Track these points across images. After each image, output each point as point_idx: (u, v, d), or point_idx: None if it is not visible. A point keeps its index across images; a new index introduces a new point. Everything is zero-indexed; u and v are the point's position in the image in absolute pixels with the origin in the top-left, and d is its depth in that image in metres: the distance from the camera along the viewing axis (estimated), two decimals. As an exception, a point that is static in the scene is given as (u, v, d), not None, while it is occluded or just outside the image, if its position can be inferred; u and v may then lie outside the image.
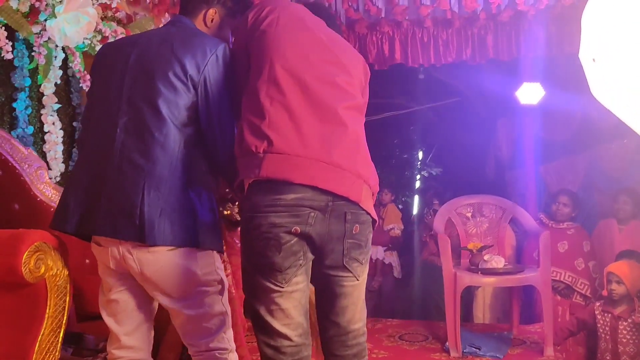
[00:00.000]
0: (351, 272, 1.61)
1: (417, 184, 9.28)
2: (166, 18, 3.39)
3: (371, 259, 4.98)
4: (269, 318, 1.55)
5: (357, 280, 1.62)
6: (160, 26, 1.86)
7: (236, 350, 1.77)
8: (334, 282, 1.61)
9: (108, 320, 1.70)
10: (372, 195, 1.65)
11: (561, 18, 3.96)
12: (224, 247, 1.96)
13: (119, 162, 1.59)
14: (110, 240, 1.60)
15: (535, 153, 5.16)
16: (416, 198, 8.76)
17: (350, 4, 3.96)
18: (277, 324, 1.54)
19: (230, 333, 1.73)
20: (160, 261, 1.58)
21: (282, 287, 1.53)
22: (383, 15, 4.05)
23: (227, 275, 2.34)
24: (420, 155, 9.47)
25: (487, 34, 4.17)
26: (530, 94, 4.73)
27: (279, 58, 1.59)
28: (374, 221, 1.66)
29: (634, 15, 2.00)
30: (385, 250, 5.06)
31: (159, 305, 1.73)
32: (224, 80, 1.66)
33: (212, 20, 1.80)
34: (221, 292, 1.71)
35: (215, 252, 1.70)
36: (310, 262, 1.60)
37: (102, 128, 1.65)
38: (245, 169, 1.54)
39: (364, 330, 1.69)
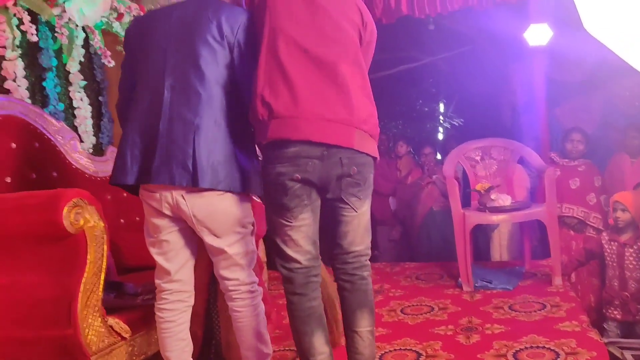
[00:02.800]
0: (349, 205, 1.91)
1: (440, 136, 9.34)
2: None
3: (390, 209, 5.14)
4: (283, 246, 1.91)
5: (356, 212, 1.93)
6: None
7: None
8: (336, 212, 1.93)
9: (158, 258, 1.96)
10: (371, 136, 1.90)
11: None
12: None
13: (169, 118, 1.82)
14: (165, 187, 1.83)
15: (549, 95, 5.19)
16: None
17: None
18: (289, 251, 1.90)
19: (256, 269, 2.02)
20: (210, 204, 1.84)
21: (291, 223, 1.88)
22: (386, -32, 4.14)
23: None
24: (442, 107, 9.49)
25: (493, -24, 4.21)
26: (538, 35, 4.75)
27: (277, 26, 1.84)
28: (374, 158, 1.93)
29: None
30: None
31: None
32: (251, 45, 1.88)
33: None
34: (253, 233, 1.98)
35: (251, 196, 1.96)
36: (317, 201, 1.91)
37: (151, 90, 1.87)
38: (258, 134, 1.87)
39: (366, 252, 1.99)
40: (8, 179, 2.34)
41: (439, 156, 6.13)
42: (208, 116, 1.81)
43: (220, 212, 1.86)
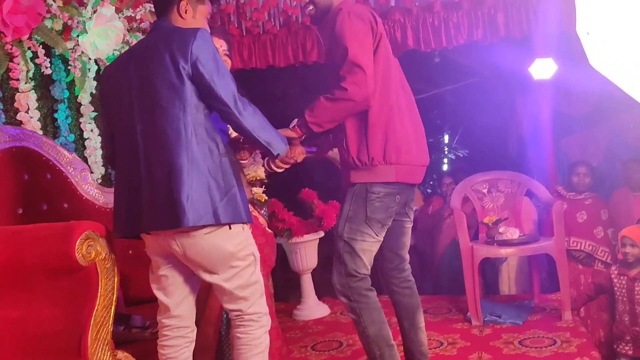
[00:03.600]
0: (409, 217, 2.41)
1: (445, 167, 9.37)
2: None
3: None
4: (362, 255, 2.23)
5: (412, 222, 2.44)
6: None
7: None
8: (400, 225, 2.37)
9: (158, 293, 1.98)
10: None
11: (568, -7, 4.04)
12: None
13: (146, 164, 1.83)
14: (155, 232, 1.88)
15: (555, 128, 5.23)
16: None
17: (359, -5, 4.13)
18: (365, 260, 2.24)
19: (264, 299, 2.00)
20: (199, 244, 1.84)
21: (378, 237, 2.26)
22: (393, 4, 4.21)
23: None
24: (446, 138, 9.53)
25: (497, 13, 4.24)
26: (543, 69, 4.81)
27: (391, 78, 2.25)
28: None
29: (621, -11, 2.15)
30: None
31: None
32: (213, 58, 1.83)
33: (185, 12, 1.95)
34: (254, 264, 1.96)
35: (246, 227, 1.94)
36: None
37: (126, 139, 1.89)
38: (380, 174, 2.20)
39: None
40: (20, 210, 2.36)
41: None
42: (179, 153, 1.79)
43: (210, 249, 1.85)
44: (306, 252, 3.86)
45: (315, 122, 2.14)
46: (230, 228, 1.87)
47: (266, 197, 2.51)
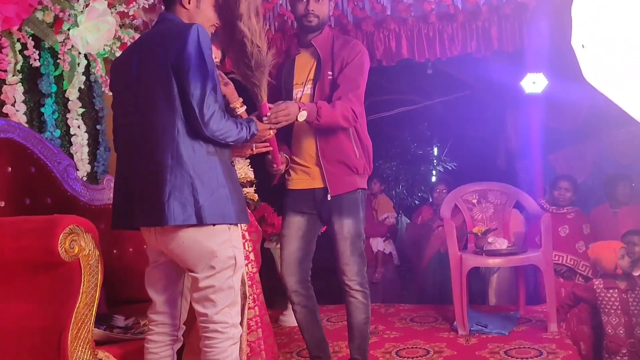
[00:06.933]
0: None
1: (433, 179, 9.38)
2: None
3: (371, 250, 5.03)
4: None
5: None
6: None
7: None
8: None
9: (148, 288, 1.99)
10: None
11: (562, 8, 4.06)
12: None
13: (137, 159, 1.84)
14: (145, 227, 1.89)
15: (544, 142, 5.25)
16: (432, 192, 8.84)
17: (355, 3, 4.12)
18: None
19: (235, 309, 1.92)
20: (180, 238, 1.81)
21: None
22: (389, 13, 4.20)
23: (249, 252, 2.55)
24: (436, 150, 9.55)
25: (491, 27, 4.27)
26: (534, 83, 4.82)
27: None
28: None
29: (618, 2, 2.15)
30: (384, 241, 5.11)
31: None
32: (198, 57, 1.78)
33: (189, 2, 1.93)
34: (232, 269, 1.89)
35: (233, 228, 1.89)
36: None
37: (124, 133, 1.92)
38: (365, 181, 2.55)
39: None
40: (2, 204, 2.29)
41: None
42: (164, 151, 1.77)
43: (192, 244, 1.82)
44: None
45: (325, 121, 2.32)
46: (214, 225, 1.83)
47: (257, 197, 2.48)
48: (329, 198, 2.44)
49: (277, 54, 2.18)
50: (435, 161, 9.50)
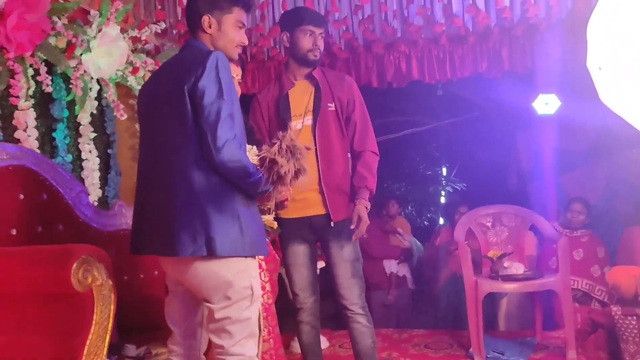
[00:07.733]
0: None
1: (442, 200, 9.32)
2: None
3: (384, 272, 4.96)
4: None
5: None
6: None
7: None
8: None
9: (168, 319, 1.95)
10: None
11: (573, 30, 4.05)
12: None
13: (151, 189, 1.83)
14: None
15: (555, 164, 5.20)
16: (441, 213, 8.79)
17: (366, 26, 4.11)
18: None
19: (253, 341, 1.87)
20: (194, 268, 1.78)
21: None
22: (399, 35, 4.20)
23: (265, 282, 2.50)
24: (444, 171, 9.52)
25: (502, 48, 4.25)
26: (546, 105, 4.79)
27: None
28: None
29: (634, 25, 2.12)
30: (398, 263, 5.04)
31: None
32: (214, 83, 1.74)
33: (210, 26, 1.90)
34: (250, 299, 1.84)
35: (248, 258, 1.84)
36: None
37: (143, 159, 1.91)
38: None
39: None
40: (13, 231, 2.26)
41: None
42: (178, 181, 1.75)
43: (208, 275, 1.78)
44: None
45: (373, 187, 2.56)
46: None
47: (277, 225, 2.44)
48: (332, 225, 2.49)
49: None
50: (443, 181, 9.47)
